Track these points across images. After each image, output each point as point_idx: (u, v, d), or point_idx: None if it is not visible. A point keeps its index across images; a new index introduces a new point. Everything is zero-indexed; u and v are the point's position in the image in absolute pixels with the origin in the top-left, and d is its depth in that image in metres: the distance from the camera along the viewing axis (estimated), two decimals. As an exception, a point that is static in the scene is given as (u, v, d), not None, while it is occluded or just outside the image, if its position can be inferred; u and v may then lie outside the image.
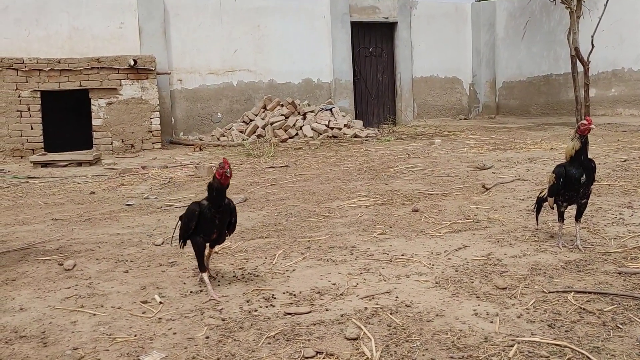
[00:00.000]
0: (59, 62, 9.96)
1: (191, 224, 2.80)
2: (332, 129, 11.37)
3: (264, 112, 11.93)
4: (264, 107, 12.05)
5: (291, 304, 2.64)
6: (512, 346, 2.11)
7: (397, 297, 2.67)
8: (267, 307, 2.61)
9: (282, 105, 11.98)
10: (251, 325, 2.41)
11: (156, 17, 11.54)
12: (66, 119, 11.11)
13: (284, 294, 2.77)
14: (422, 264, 3.18)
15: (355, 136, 11.17)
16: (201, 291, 2.87)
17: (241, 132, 11.39)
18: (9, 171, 8.22)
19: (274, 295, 2.76)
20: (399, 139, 10.63)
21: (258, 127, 11.36)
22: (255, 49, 12.54)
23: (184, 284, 3.01)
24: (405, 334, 2.26)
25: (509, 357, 2.03)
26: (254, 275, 3.10)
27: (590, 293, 2.60)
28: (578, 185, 3.22)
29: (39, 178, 7.53)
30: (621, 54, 11.71)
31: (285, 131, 11.22)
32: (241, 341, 2.26)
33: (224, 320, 2.48)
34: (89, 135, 10.40)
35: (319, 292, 2.78)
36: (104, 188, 6.57)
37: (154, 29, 11.52)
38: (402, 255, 3.35)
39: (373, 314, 2.48)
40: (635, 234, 3.52)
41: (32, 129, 9.86)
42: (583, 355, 2.02)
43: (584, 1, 10.54)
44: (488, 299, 2.60)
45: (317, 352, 2.13)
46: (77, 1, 11.06)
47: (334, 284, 2.90)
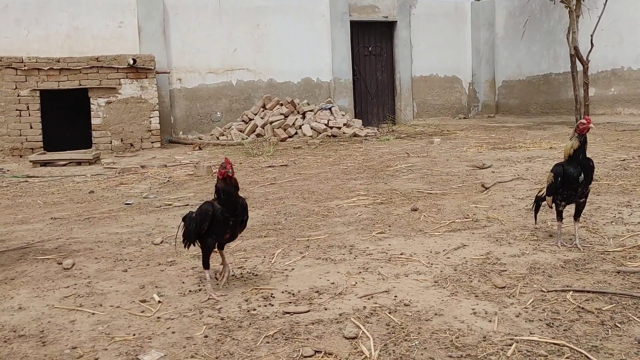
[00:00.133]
0: (59, 62, 9.96)
1: (204, 225, 2.71)
2: (331, 128, 11.37)
3: (263, 111, 11.92)
4: (264, 107, 12.05)
5: (290, 303, 2.64)
6: (510, 345, 2.11)
7: (395, 296, 2.67)
8: (265, 306, 2.62)
9: (282, 105, 11.98)
10: (250, 324, 2.41)
11: (156, 17, 11.53)
12: (65, 118, 11.09)
13: (282, 293, 2.78)
14: (421, 263, 3.18)
15: (355, 135, 11.17)
16: (200, 290, 2.87)
17: (240, 131, 11.39)
18: (8, 170, 8.22)
19: (272, 294, 2.76)
20: (398, 138, 10.63)
21: (257, 126, 11.35)
22: (254, 48, 12.53)
23: (183, 283, 3.01)
24: (403, 333, 2.27)
25: (507, 356, 2.03)
26: (252, 274, 3.10)
27: (588, 292, 2.60)
28: (576, 184, 3.23)
29: (38, 177, 7.53)
30: (621, 53, 11.71)
31: (285, 130, 11.22)
32: (240, 340, 2.26)
33: (222, 320, 2.48)
34: (88, 135, 10.40)
35: (317, 291, 2.78)
36: (103, 187, 6.57)
37: (153, 28, 11.51)
38: (401, 255, 3.35)
39: (372, 313, 2.48)
40: (634, 233, 3.52)
41: (31, 128, 9.87)
42: (581, 354, 2.02)
43: (583, 0, 10.54)
44: (487, 298, 2.60)
45: (315, 351, 2.13)
46: (76, 1, 11.06)
47: (333, 283, 2.90)
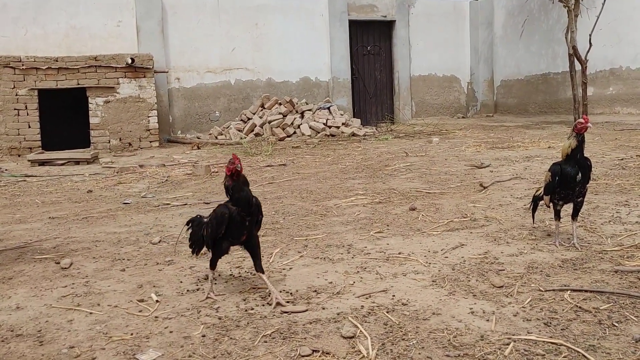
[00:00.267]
0: (57, 61, 9.95)
1: (220, 229, 2.63)
2: (330, 127, 11.37)
3: (261, 110, 11.92)
4: (262, 106, 12.05)
5: (288, 302, 2.63)
6: (508, 344, 2.11)
7: (393, 296, 2.67)
8: (263, 305, 2.61)
9: (280, 104, 11.97)
10: (247, 323, 2.41)
11: (154, 16, 11.52)
12: (64, 117, 11.09)
13: (280, 292, 2.77)
14: (419, 262, 3.18)
15: (353, 135, 11.17)
16: (197, 290, 2.87)
17: (239, 130, 11.38)
18: (6, 170, 8.21)
19: (270, 293, 2.75)
20: (396, 138, 10.63)
21: (256, 126, 11.35)
22: (253, 47, 12.53)
23: (181, 282, 3.01)
24: (401, 332, 2.27)
25: (505, 356, 2.03)
26: (250, 273, 3.10)
27: (586, 291, 2.60)
28: (574, 184, 3.23)
29: (36, 176, 7.52)
30: (619, 52, 11.71)
31: (283, 130, 11.22)
32: (237, 340, 2.26)
33: (220, 319, 2.48)
34: (86, 134, 10.40)
35: (315, 291, 2.78)
36: (101, 186, 6.57)
37: (151, 27, 11.50)
38: (399, 254, 3.35)
39: (369, 313, 2.48)
40: (632, 233, 3.52)
41: (29, 127, 9.86)
42: (579, 354, 2.02)
43: (581, 0, 10.55)
44: (484, 298, 2.60)
45: (313, 350, 2.13)
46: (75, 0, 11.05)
47: (331, 282, 2.90)
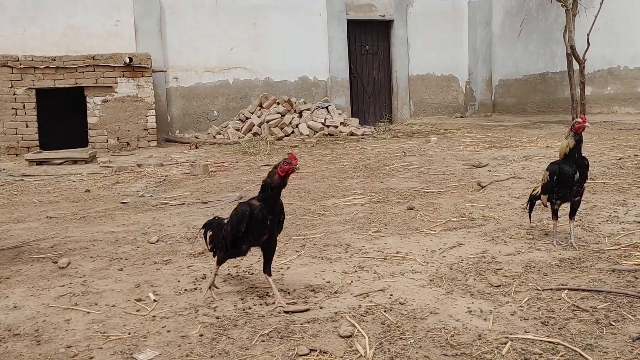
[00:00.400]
0: (54, 60, 9.94)
1: (241, 227, 2.56)
2: (328, 127, 11.37)
3: (260, 110, 11.91)
4: (260, 105, 12.04)
5: (289, 304, 2.63)
6: (505, 344, 2.11)
7: (391, 295, 2.67)
8: (261, 305, 2.61)
9: (278, 103, 11.97)
10: (245, 323, 2.41)
11: (152, 15, 11.50)
12: (61, 116, 11.07)
13: (278, 291, 2.77)
14: (417, 261, 3.18)
15: (352, 134, 11.17)
16: (195, 289, 2.87)
17: (237, 130, 11.38)
18: (4, 169, 8.20)
19: (268, 293, 2.76)
20: (395, 137, 10.63)
21: (254, 125, 11.34)
22: (251, 46, 12.52)
23: (179, 281, 3.00)
24: (399, 331, 2.27)
25: (502, 355, 2.03)
26: (248, 273, 3.10)
27: (583, 290, 2.61)
28: (572, 183, 3.24)
29: (34, 176, 7.51)
30: (617, 52, 11.72)
31: (281, 129, 11.21)
32: (235, 339, 2.26)
33: (218, 318, 2.48)
34: (84, 133, 10.38)
35: (313, 290, 2.78)
36: (99, 186, 6.56)
37: (149, 26, 11.49)
38: (397, 253, 3.35)
39: (367, 312, 2.48)
40: (630, 232, 3.53)
41: (27, 126, 9.84)
42: (576, 353, 2.03)
43: (579, -1, 10.58)
44: (482, 297, 2.61)
45: (310, 349, 2.13)
46: (72, -1, 11.04)
47: (329, 281, 2.90)
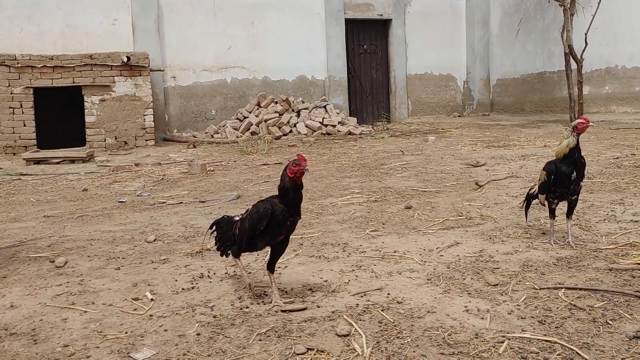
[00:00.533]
0: (52, 59, 9.91)
1: (261, 225, 2.53)
2: (326, 126, 11.36)
3: (257, 109, 11.90)
4: (258, 104, 12.03)
5: (285, 303, 2.63)
6: (502, 342, 2.12)
7: (388, 294, 2.68)
8: (258, 304, 2.61)
9: (276, 103, 11.96)
10: (242, 322, 2.41)
11: (150, 14, 11.49)
12: (59, 115, 11.04)
13: (277, 290, 2.77)
14: (414, 260, 3.18)
15: (349, 133, 11.17)
16: (192, 288, 2.87)
17: (235, 129, 11.37)
18: (1, 168, 8.18)
19: (265, 292, 2.76)
20: (393, 136, 10.64)
21: (252, 124, 11.34)
22: (249, 46, 12.50)
23: (176, 281, 3.00)
24: (396, 330, 2.27)
25: (499, 354, 2.04)
26: (246, 272, 3.09)
27: (580, 289, 2.61)
28: (569, 182, 3.24)
29: (31, 175, 7.49)
30: (614, 51, 11.74)
31: (279, 128, 11.21)
32: (232, 338, 2.26)
33: (215, 317, 2.47)
34: (82, 132, 10.36)
35: (310, 289, 2.78)
36: (96, 185, 6.55)
37: (147, 25, 11.47)
38: (395, 252, 3.35)
39: (364, 311, 2.48)
40: (627, 231, 3.53)
41: (24, 125, 9.82)
42: (573, 351, 2.03)
43: (577, -1, 10.58)
44: (479, 296, 2.61)
45: (308, 348, 2.13)
46: (70, -3, 11.02)
47: (326, 280, 2.90)
